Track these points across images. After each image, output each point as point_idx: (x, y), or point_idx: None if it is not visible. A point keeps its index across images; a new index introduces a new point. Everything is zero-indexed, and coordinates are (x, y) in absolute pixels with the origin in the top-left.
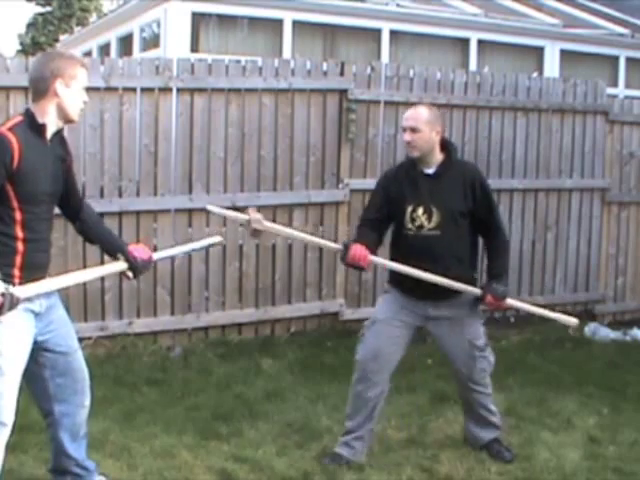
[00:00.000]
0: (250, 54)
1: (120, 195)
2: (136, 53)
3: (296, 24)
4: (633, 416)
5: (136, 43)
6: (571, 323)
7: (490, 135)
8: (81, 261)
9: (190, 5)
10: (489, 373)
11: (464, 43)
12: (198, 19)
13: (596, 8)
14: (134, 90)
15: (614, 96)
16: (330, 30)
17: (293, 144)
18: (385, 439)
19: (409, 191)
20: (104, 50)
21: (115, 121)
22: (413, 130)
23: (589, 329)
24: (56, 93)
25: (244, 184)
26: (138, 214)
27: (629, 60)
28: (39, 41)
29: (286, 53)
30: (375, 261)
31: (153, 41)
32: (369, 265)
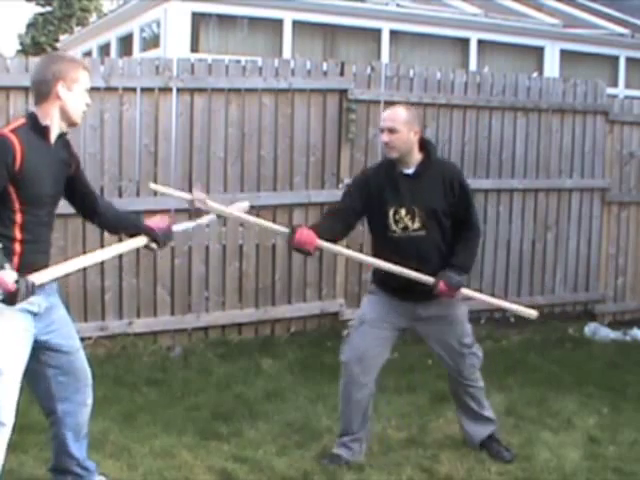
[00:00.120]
0: (250, 54)
1: (120, 195)
2: (136, 53)
3: (296, 24)
4: (633, 416)
5: (136, 43)
6: (530, 315)
7: (490, 135)
8: None
9: (190, 5)
10: (478, 368)
11: (464, 43)
12: (198, 19)
13: (596, 8)
14: (134, 90)
15: (614, 96)
16: (330, 30)
17: (293, 144)
18: (385, 439)
19: (390, 193)
20: (104, 50)
21: (115, 121)
22: (391, 131)
23: (589, 329)
24: (58, 96)
25: (244, 184)
26: (138, 214)
27: (629, 60)
28: (39, 41)
29: (286, 53)
30: (324, 246)
31: (153, 41)
32: (315, 250)
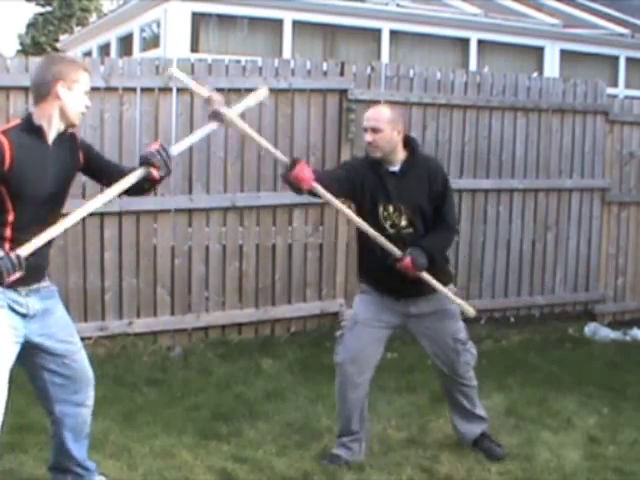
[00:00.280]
0: (250, 54)
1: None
2: (136, 53)
3: (296, 24)
4: (633, 416)
5: (136, 43)
6: (469, 313)
7: (490, 135)
8: (81, 261)
9: (190, 5)
10: (473, 366)
11: (464, 43)
12: (198, 19)
13: (596, 8)
14: (134, 90)
15: (614, 96)
16: (330, 30)
17: (293, 144)
18: (385, 439)
19: (379, 190)
20: (104, 50)
21: (115, 121)
22: (374, 130)
23: (589, 329)
24: (58, 96)
25: (244, 184)
26: (138, 214)
27: (629, 60)
28: (39, 41)
29: (286, 53)
30: (318, 190)
31: (153, 41)
32: (309, 190)
